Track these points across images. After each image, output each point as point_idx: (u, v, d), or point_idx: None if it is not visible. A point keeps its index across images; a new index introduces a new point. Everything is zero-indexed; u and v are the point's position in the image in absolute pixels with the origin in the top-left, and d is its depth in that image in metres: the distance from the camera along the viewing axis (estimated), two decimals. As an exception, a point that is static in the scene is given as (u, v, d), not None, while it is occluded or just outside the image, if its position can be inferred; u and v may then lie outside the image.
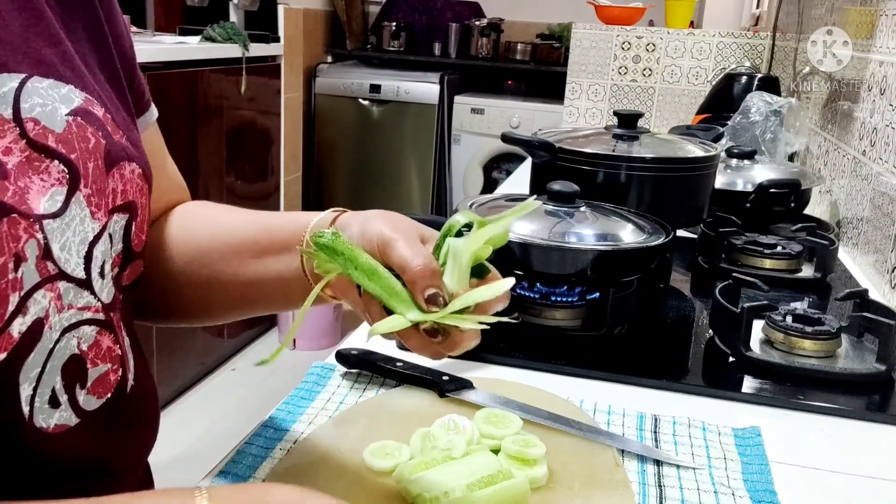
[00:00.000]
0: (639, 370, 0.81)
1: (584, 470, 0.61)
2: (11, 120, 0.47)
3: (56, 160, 0.49)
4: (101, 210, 0.53)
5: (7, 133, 0.47)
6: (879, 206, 1.18)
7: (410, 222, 0.56)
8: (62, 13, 0.55)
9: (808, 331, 0.85)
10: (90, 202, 0.52)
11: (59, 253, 0.49)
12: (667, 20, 2.49)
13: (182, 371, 2.62)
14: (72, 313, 0.51)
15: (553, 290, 0.89)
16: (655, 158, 1.12)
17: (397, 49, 3.98)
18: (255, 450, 0.63)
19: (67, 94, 0.52)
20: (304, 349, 3.03)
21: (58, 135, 0.50)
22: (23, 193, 0.47)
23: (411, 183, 3.78)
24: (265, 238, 0.62)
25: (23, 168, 0.47)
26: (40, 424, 0.49)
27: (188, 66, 2.48)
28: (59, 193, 0.49)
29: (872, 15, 1.34)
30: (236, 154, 2.81)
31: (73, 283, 0.51)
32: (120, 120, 0.57)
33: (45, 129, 0.49)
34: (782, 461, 0.66)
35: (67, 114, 0.51)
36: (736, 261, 1.15)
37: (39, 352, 0.48)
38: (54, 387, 0.50)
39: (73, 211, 0.50)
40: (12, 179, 0.46)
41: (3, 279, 0.45)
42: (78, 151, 0.51)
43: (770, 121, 1.57)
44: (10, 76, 0.48)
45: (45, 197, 0.48)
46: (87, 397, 0.53)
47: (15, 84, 0.48)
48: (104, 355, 0.54)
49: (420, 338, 0.51)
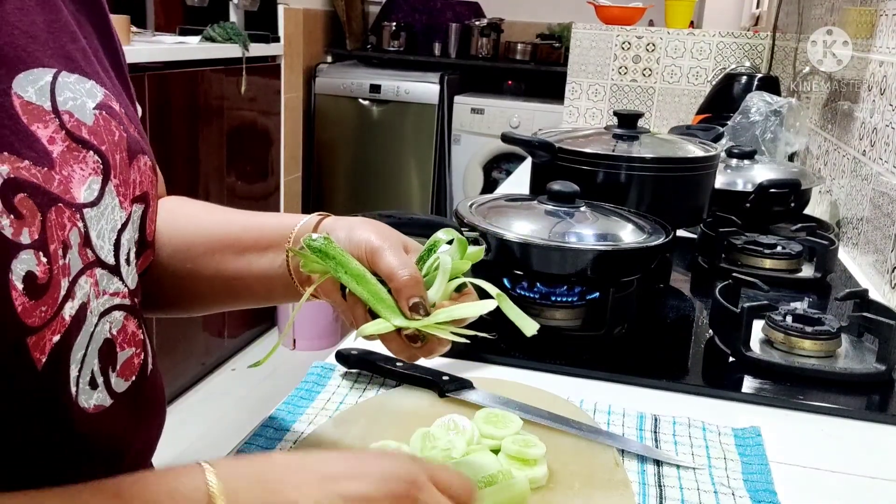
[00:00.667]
0: (639, 370, 0.81)
1: (584, 470, 0.61)
2: (51, 111, 0.49)
3: (91, 151, 0.51)
4: (126, 200, 0.55)
5: (49, 123, 0.49)
6: (879, 206, 1.18)
7: (394, 232, 0.59)
8: (74, 10, 0.57)
9: (808, 331, 0.85)
10: (118, 192, 0.54)
11: (96, 240, 0.52)
12: (667, 20, 2.49)
13: (182, 371, 2.62)
14: (106, 299, 0.53)
15: (553, 290, 0.89)
16: (655, 158, 1.12)
17: (397, 49, 3.98)
18: (255, 450, 0.63)
19: (91, 88, 0.54)
20: (304, 349, 3.03)
21: (89, 127, 0.52)
22: (66, 183, 0.49)
23: (411, 183, 3.78)
24: (248, 236, 0.65)
25: (65, 157, 0.49)
26: (83, 405, 0.51)
27: (188, 66, 2.48)
28: (96, 183, 0.52)
29: (872, 15, 1.34)
30: (236, 154, 2.81)
31: (107, 269, 0.53)
32: (131, 114, 0.59)
33: (79, 122, 0.51)
34: (782, 461, 0.66)
35: (94, 108, 0.53)
36: (736, 261, 1.15)
37: (84, 335, 0.50)
38: (93, 369, 0.52)
39: (107, 200, 0.53)
40: (58, 169, 0.48)
41: (56, 265, 0.47)
42: (107, 144, 0.53)
43: (770, 121, 1.57)
44: (44, 70, 0.50)
45: (84, 186, 0.50)
46: (118, 380, 0.55)
47: (49, 78, 0.50)
48: (130, 339, 0.56)
49: (400, 342, 0.55)
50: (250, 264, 0.64)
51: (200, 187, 2.60)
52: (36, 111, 0.48)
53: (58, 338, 0.47)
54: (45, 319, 0.46)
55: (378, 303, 0.53)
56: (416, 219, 0.85)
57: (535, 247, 0.85)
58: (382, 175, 3.79)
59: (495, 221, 0.89)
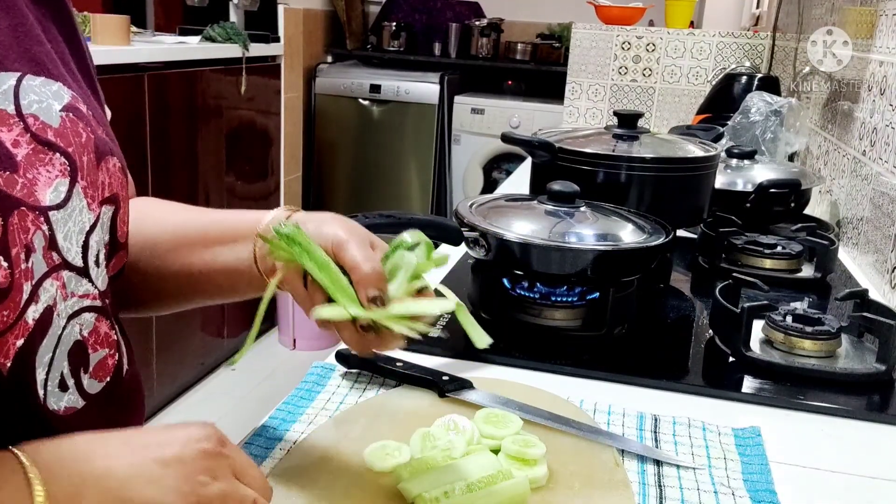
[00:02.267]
0: (639, 370, 0.81)
1: (583, 470, 0.61)
2: (15, 115, 0.49)
3: (57, 153, 0.52)
4: (94, 202, 0.55)
5: (13, 127, 0.49)
6: (879, 206, 1.18)
7: (363, 229, 0.60)
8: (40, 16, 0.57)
9: (808, 331, 0.85)
10: (86, 194, 0.54)
11: (63, 242, 0.51)
12: (667, 20, 2.49)
13: (182, 371, 2.62)
14: (74, 301, 0.53)
15: (553, 290, 0.89)
16: (655, 158, 1.12)
17: (397, 49, 3.98)
18: (255, 450, 0.63)
19: (58, 91, 0.54)
20: (304, 349, 3.03)
21: (55, 129, 0.52)
22: (31, 186, 0.49)
23: (411, 183, 3.77)
24: (215, 230, 0.66)
25: (31, 160, 0.49)
26: (53, 407, 0.51)
27: (188, 66, 2.48)
28: (63, 185, 0.52)
29: (872, 15, 1.34)
30: (236, 154, 2.81)
31: (75, 271, 0.53)
32: (99, 116, 0.59)
33: (44, 125, 0.51)
34: (782, 461, 0.66)
35: (60, 110, 0.53)
36: (736, 261, 1.15)
37: (50, 338, 0.50)
38: (62, 371, 0.52)
39: (74, 202, 0.52)
40: (21, 172, 0.48)
41: (17, 269, 0.47)
42: (74, 145, 0.53)
43: (770, 121, 1.57)
44: (7, 74, 0.50)
45: (50, 188, 0.50)
46: (91, 381, 0.55)
47: (13, 82, 0.50)
48: (102, 340, 0.57)
49: (353, 331, 0.56)
50: (216, 257, 0.65)
51: (200, 187, 2.60)
52: None
53: (21, 342, 0.48)
54: (7, 324, 0.46)
55: (338, 290, 0.55)
56: (416, 219, 0.85)
57: (535, 247, 0.85)
58: (382, 175, 3.79)
59: (495, 221, 0.89)
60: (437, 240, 0.89)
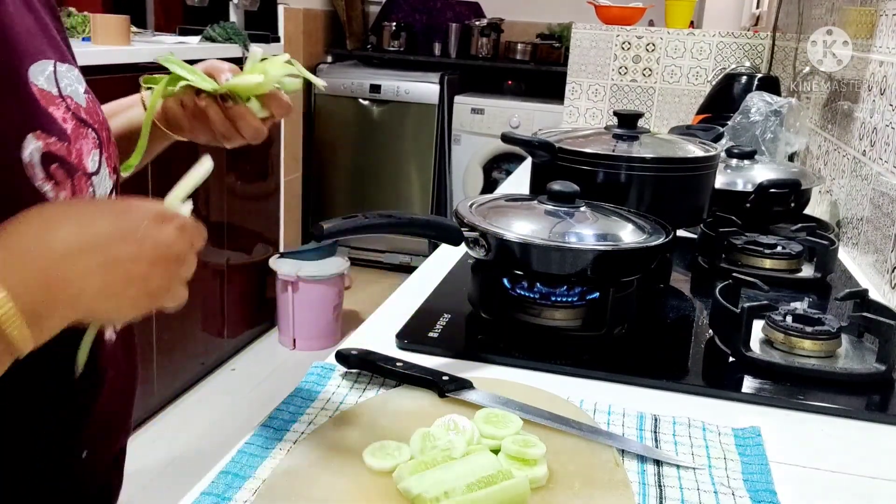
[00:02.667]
0: (639, 370, 0.81)
1: (583, 470, 0.61)
2: (58, 96, 0.59)
3: (90, 128, 0.62)
4: (111, 170, 0.65)
5: (59, 106, 0.58)
6: (879, 206, 1.18)
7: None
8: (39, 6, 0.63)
9: (808, 331, 0.85)
10: (108, 163, 0.64)
11: None
12: (667, 20, 2.49)
13: (182, 371, 2.62)
14: None
15: (553, 290, 0.89)
16: (655, 158, 1.12)
17: (397, 49, 3.98)
18: (255, 450, 0.63)
19: (78, 75, 0.63)
20: (304, 349, 3.03)
21: (84, 108, 0.62)
22: (80, 155, 0.59)
23: (411, 183, 3.77)
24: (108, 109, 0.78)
25: (76, 133, 0.59)
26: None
27: (188, 66, 2.47)
28: (96, 155, 0.62)
29: (872, 15, 1.34)
30: (236, 154, 2.81)
31: None
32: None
33: (77, 105, 0.61)
34: (782, 461, 0.66)
35: (83, 92, 0.63)
36: (736, 261, 1.15)
37: None
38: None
39: (103, 170, 0.63)
40: (72, 143, 0.58)
41: None
42: (97, 122, 0.63)
43: (770, 121, 1.57)
44: (47, 62, 0.59)
45: (90, 157, 0.61)
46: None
47: (52, 68, 0.59)
48: None
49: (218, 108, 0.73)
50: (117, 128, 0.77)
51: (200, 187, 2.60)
52: (48, 96, 0.57)
53: None
54: None
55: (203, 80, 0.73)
56: (416, 219, 0.85)
57: (535, 247, 0.85)
58: (382, 175, 3.79)
59: (495, 221, 0.89)
60: (438, 239, 0.90)
